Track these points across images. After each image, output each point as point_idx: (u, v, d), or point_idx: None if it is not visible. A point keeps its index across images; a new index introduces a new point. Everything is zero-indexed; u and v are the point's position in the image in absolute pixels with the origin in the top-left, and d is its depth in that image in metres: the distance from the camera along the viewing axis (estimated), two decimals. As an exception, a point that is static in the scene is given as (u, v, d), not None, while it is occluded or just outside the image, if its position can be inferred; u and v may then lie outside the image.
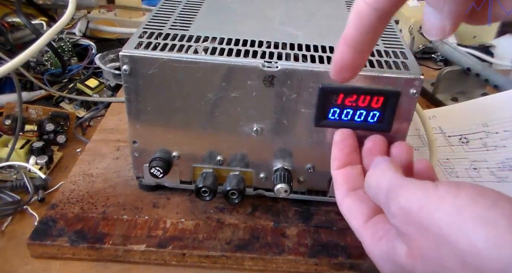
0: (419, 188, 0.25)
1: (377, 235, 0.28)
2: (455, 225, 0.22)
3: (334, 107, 0.35)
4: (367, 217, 0.30)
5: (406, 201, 0.25)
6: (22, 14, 0.60)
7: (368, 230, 0.29)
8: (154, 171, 0.39)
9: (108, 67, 0.64)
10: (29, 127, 0.50)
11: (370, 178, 0.29)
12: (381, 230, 0.28)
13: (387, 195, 0.26)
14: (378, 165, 0.29)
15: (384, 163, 0.29)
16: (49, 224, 0.39)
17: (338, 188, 0.33)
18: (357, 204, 0.31)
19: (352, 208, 0.31)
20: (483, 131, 0.50)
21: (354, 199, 0.32)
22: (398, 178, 0.27)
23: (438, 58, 0.75)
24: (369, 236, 0.29)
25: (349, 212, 0.31)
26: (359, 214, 0.30)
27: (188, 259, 0.37)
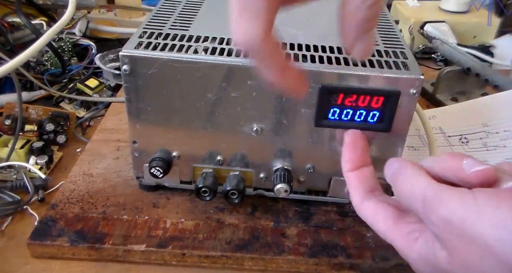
0: (457, 198, 0.24)
1: (412, 236, 0.28)
2: (501, 238, 0.22)
3: (334, 107, 0.35)
4: (395, 218, 0.29)
5: (446, 211, 0.24)
6: (22, 14, 0.60)
7: (400, 232, 0.28)
8: (154, 171, 0.39)
9: (108, 67, 0.64)
10: (29, 127, 0.50)
11: (402, 186, 0.28)
12: (415, 231, 0.28)
13: (424, 204, 0.26)
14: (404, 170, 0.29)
15: (412, 168, 0.28)
16: (49, 224, 0.39)
17: (354, 191, 0.32)
18: (381, 207, 0.30)
19: (376, 211, 0.30)
20: (483, 131, 0.50)
21: (376, 202, 0.31)
22: (433, 186, 0.26)
23: (438, 58, 0.75)
24: (401, 237, 0.28)
25: (372, 216, 0.31)
26: (385, 216, 0.30)
27: (188, 259, 0.37)
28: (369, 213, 0.31)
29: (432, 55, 0.76)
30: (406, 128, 0.36)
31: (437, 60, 0.75)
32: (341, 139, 0.36)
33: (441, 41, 0.67)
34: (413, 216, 0.29)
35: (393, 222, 0.29)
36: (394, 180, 0.29)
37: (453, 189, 0.25)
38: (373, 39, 0.29)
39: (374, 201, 0.31)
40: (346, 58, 0.35)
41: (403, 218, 0.29)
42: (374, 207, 0.31)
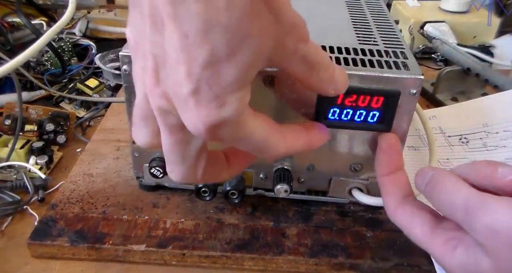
0: (503, 206, 0.24)
1: (450, 244, 0.27)
2: None
3: (334, 107, 0.35)
4: (433, 225, 0.29)
5: (491, 219, 0.24)
6: (22, 14, 0.60)
7: (437, 240, 0.28)
8: (154, 171, 0.39)
9: (108, 67, 0.64)
10: (29, 127, 0.50)
11: (441, 195, 0.28)
12: (453, 239, 0.27)
13: (466, 213, 0.26)
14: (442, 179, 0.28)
15: (450, 177, 0.28)
16: (49, 224, 0.39)
17: (390, 196, 0.32)
18: (417, 213, 0.30)
19: (412, 217, 0.30)
20: (483, 131, 0.50)
21: (412, 207, 0.30)
22: (475, 195, 0.26)
23: (438, 58, 0.75)
24: (439, 245, 0.28)
25: (409, 222, 0.30)
26: (422, 222, 0.29)
27: (188, 259, 0.37)
28: (405, 219, 0.30)
29: (432, 55, 0.76)
30: (406, 128, 0.36)
31: (437, 60, 0.75)
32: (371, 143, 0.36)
33: (441, 41, 0.67)
34: (451, 223, 0.28)
35: (430, 229, 0.29)
36: (430, 189, 0.29)
37: (496, 197, 0.25)
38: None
39: (410, 207, 0.31)
40: (346, 58, 0.35)
41: (440, 224, 0.29)
42: (410, 213, 0.30)
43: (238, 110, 0.22)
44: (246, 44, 0.20)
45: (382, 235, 0.39)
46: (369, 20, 0.44)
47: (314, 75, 0.25)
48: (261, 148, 0.25)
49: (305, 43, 0.23)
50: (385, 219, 0.41)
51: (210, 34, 0.19)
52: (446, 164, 0.48)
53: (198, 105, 0.21)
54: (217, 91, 0.21)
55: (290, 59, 0.24)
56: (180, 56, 0.20)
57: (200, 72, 0.20)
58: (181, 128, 0.23)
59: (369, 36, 0.40)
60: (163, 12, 0.20)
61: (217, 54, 0.20)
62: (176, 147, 0.25)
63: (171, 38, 0.20)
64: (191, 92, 0.21)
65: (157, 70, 0.22)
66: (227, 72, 0.20)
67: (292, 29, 0.22)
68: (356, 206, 0.42)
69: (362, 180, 0.39)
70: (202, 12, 0.19)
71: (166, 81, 0.22)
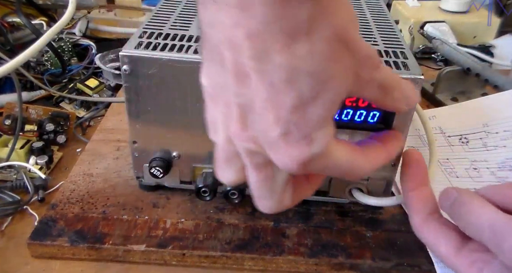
0: None
1: (476, 266, 0.27)
2: None
3: None
4: (459, 244, 0.29)
5: None
6: (22, 14, 0.60)
7: (464, 260, 0.28)
8: (154, 171, 0.39)
9: (108, 67, 0.64)
10: (29, 127, 0.50)
11: (468, 216, 0.28)
12: (479, 261, 0.28)
13: (493, 234, 0.26)
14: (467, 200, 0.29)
15: (477, 198, 0.28)
16: (49, 224, 0.39)
17: (416, 211, 0.32)
18: (443, 230, 0.30)
19: (438, 234, 0.30)
20: (483, 131, 0.50)
21: (438, 225, 0.31)
22: (503, 217, 0.26)
23: (438, 58, 0.75)
24: (465, 265, 0.28)
25: (434, 239, 0.30)
26: (448, 241, 0.29)
27: (188, 259, 0.37)
28: (430, 236, 0.31)
29: (432, 55, 0.76)
30: (406, 128, 0.36)
31: (437, 60, 0.75)
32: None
33: (441, 41, 0.67)
34: (477, 244, 0.28)
35: (456, 249, 0.29)
36: (455, 210, 0.29)
37: None
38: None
39: (436, 224, 0.31)
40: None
41: (466, 245, 0.29)
42: (436, 230, 0.30)
43: (325, 145, 0.23)
44: (329, 85, 0.21)
45: (382, 235, 0.39)
46: (369, 20, 0.44)
47: (388, 97, 0.26)
48: (348, 172, 0.25)
49: (379, 71, 0.24)
50: (385, 219, 0.41)
51: (295, 82, 0.20)
52: (446, 164, 0.48)
53: (288, 146, 0.22)
54: (305, 131, 0.22)
55: (367, 88, 0.24)
56: (268, 104, 0.21)
57: (287, 117, 0.21)
58: (268, 164, 0.24)
59: (369, 36, 0.40)
60: (247, 67, 0.21)
61: (303, 99, 0.21)
62: (265, 182, 0.26)
63: (258, 89, 0.21)
64: (280, 135, 0.22)
65: (244, 116, 0.23)
66: (313, 113, 0.21)
67: (367, 61, 0.23)
68: (356, 206, 0.42)
69: (362, 180, 0.39)
70: (285, 63, 0.20)
71: (253, 126, 0.23)
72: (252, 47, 0.20)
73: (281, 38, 0.20)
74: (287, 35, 0.19)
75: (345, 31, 0.21)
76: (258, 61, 0.20)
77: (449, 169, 0.47)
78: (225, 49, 0.21)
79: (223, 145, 0.25)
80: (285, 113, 0.21)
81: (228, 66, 0.21)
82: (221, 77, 0.22)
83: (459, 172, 0.46)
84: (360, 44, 0.22)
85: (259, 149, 0.23)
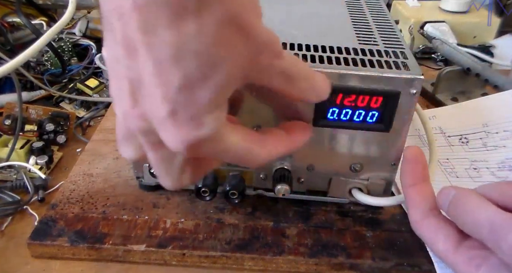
0: None
1: (474, 262, 0.27)
2: None
3: (333, 107, 0.35)
4: (457, 241, 0.29)
5: None
6: (22, 14, 0.60)
7: (461, 256, 0.28)
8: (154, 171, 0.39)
9: (108, 67, 0.64)
10: (29, 127, 0.50)
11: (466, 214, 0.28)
12: (477, 258, 0.28)
13: (491, 232, 0.26)
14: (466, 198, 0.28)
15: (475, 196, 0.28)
16: (49, 224, 0.39)
17: (415, 207, 0.32)
18: (442, 227, 0.30)
19: (437, 230, 0.30)
20: (483, 131, 0.50)
21: (437, 221, 0.30)
22: (501, 214, 0.26)
23: (438, 58, 0.75)
24: (462, 262, 0.28)
25: (432, 235, 0.30)
26: (446, 237, 0.29)
27: (188, 259, 0.37)
28: (429, 232, 0.31)
29: (432, 55, 0.76)
30: (406, 128, 0.36)
31: (437, 60, 0.75)
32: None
33: (441, 41, 0.67)
34: (475, 241, 0.28)
35: (454, 245, 0.29)
36: (454, 208, 0.29)
37: None
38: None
39: (435, 220, 0.31)
40: (346, 58, 0.35)
41: (464, 242, 0.29)
42: (434, 226, 0.30)
43: (214, 129, 0.22)
44: (218, 68, 0.21)
45: (382, 235, 0.39)
46: (369, 20, 0.44)
47: (294, 87, 0.25)
48: (242, 158, 0.25)
49: (280, 59, 0.24)
50: (385, 219, 0.41)
51: (182, 61, 0.20)
52: (446, 164, 0.48)
53: (175, 126, 0.21)
54: (193, 112, 0.21)
55: (267, 75, 0.24)
56: (155, 81, 0.20)
57: (175, 96, 0.20)
58: (163, 144, 0.23)
59: (369, 36, 0.40)
60: (135, 39, 0.20)
61: (190, 79, 0.20)
62: (161, 162, 0.25)
63: (145, 63, 0.20)
64: (168, 114, 0.21)
65: (133, 92, 0.22)
66: (201, 95, 0.21)
67: (265, 48, 0.23)
68: (356, 206, 0.42)
69: (362, 180, 0.39)
70: (173, 40, 0.19)
71: (143, 103, 0.22)
72: (139, 19, 0.19)
73: (168, 13, 0.19)
74: (175, 10, 0.19)
75: (240, 16, 0.20)
76: (145, 34, 0.19)
77: (449, 169, 0.47)
78: (115, 19, 0.20)
79: (121, 120, 0.25)
80: (171, 92, 0.20)
81: (118, 36, 0.21)
82: (115, 49, 0.22)
83: (459, 172, 0.46)
84: (259, 30, 0.22)
85: (150, 127, 0.22)
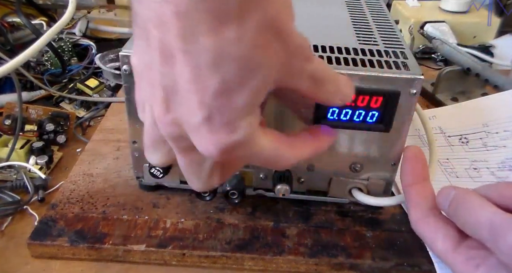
0: None
1: (473, 262, 0.28)
2: None
3: (333, 107, 0.35)
4: (457, 241, 0.29)
5: None
6: (22, 14, 0.60)
7: (460, 256, 0.28)
8: (154, 171, 0.39)
9: (108, 67, 0.64)
10: (29, 127, 0.50)
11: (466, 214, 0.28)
12: (476, 258, 0.28)
13: (490, 232, 0.26)
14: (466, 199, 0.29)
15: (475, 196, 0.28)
16: (49, 224, 0.39)
17: (414, 206, 0.32)
18: (441, 226, 0.30)
19: (436, 230, 0.30)
20: (483, 131, 0.50)
21: (437, 220, 0.30)
22: (501, 215, 0.26)
23: (438, 58, 0.75)
24: (461, 262, 0.28)
25: (432, 234, 0.30)
26: (445, 237, 0.29)
27: (188, 259, 0.37)
28: (428, 232, 0.31)
29: (432, 55, 0.76)
30: (406, 128, 0.36)
31: (437, 60, 0.75)
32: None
33: (441, 41, 0.67)
34: (475, 241, 0.28)
35: (453, 245, 0.29)
36: (453, 208, 0.29)
37: None
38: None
39: (435, 220, 0.31)
40: (346, 58, 0.35)
41: (464, 242, 0.29)
42: (434, 225, 0.30)
43: (248, 133, 0.22)
44: (256, 72, 0.21)
45: (382, 235, 0.39)
46: (369, 20, 0.44)
47: (321, 90, 0.25)
48: (272, 161, 0.25)
49: (311, 62, 0.24)
50: (385, 219, 0.41)
51: (221, 66, 0.20)
52: (446, 164, 0.48)
53: (210, 131, 0.22)
54: (229, 117, 0.21)
55: (297, 79, 0.24)
56: (192, 87, 0.20)
57: (211, 101, 0.21)
58: (194, 148, 0.23)
59: (369, 36, 0.40)
60: (173, 46, 0.20)
61: (227, 85, 0.20)
62: (191, 166, 0.26)
63: (182, 70, 0.20)
64: (203, 119, 0.21)
65: (167, 99, 0.22)
66: (237, 100, 0.21)
67: (298, 51, 0.23)
68: (356, 206, 0.42)
69: (362, 180, 0.39)
70: (212, 45, 0.19)
71: (176, 109, 0.22)
72: (179, 26, 0.19)
73: (210, 20, 0.19)
74: (216, 17, 0.19)
75: (278, 20, 0.21)
76: (185, 41, 0.19)
77: (449, 169, 0.47)
78: (152, 26, 0.20)
79: (150, 127, 0.25)
80: (208, 98, 0.20)
81: (154, 44, 0.21)
82: (148, 56, 0.22)
83: (459, 172, 0.46)
84: (293, 34, 0.22)
85: (182, 133, 0.23)
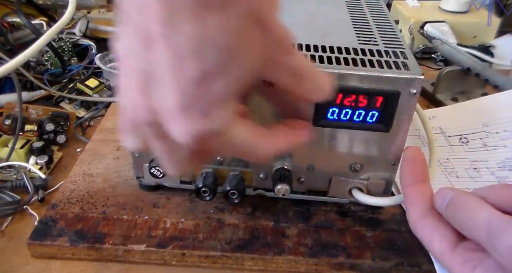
0: None
1: (470, 264, 0.27)
2: None
3: (333, 107, 0.35)
4: (454, 243, 0.29)
5: None
6: (22, 14, 0.60)
7: (457, 258, 0.28)
8: (154, 171, 0.39)
9: (108, 67, 0.64)
10: (29, 127, 0.50)
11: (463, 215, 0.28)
12: (473, 259, 0.28)
13: (488, 233, 0.26)
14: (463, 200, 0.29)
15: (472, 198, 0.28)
16: (49, 224, 0.39)
17: (413, 207, 0.32)
18: (440, 227, 0.30)
19: (434, 230, 0.30)
20: (483, 131, 0.50)
21: (435, 221, 0.30)
22: (498, 216, 0.26)
23: (438, 58, 0.75)
24: (458, 263, 0.28)
25: (429, 235, 0.30)
26: (443, 238, 0.29)
27: (188, 259, 0.37)
28: (426, 232, 0.30)
29: (432, 55, 0.76)
30: (406, 128, 0.36)
31: (437, 60, 0.75)
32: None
33: (441, 41, 0.67)
34: (472, 243, 0.28)
35: (451, 246, 0.29)
36: (451, 210, 0.29)
37: None
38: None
39: (432, 221, 0.30)
40: (346, 58, 0.35)
41: (461, 243, 0.29)
42: (432, 226, 0.30)
43: (224, 122, 0.22)
44: (236, 61, 0.21)
45: (382, 235, 0.39)
46: (369, 20, 0.44)
47: (300, 85, 0.25)
48: (246, 152, 0.25)
49: (291, 55, 0.24)
50: (385, 219, 0.41)
51: (201, 54, 0.20)
52: (446, 164, 0.48)
53: (185, 118, 0.21)
54: (205, 106, 0.21)
55: (277, 71, 0.24)
56: (170, 73, 0.20)
57: (189, 88, 0.20)
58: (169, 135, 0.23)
59: (369, 36, 0.40)
60: (154, 31, 0.20)
61: (206, 73, 0.20)
62: (166, 152, 0.25)
63: (162, 56, 0.20)
64: (178, 106, 0.21)
65: (145, 84, 0.22)
66: (215, 88, 0.21)
67: (280, 44, 0.23)
68: (356, 206, 0.42)
69: (362, 180, 0.39)
70: (195, 32, 0.19)
71: (153, 95, 0.22)
72: (161, 11, 0.19)
73: (193, 6, 0.19)
74: (200, 4, 0.19)
75: (262, 11, 0.20)
76: (166, 26, 0.19)
77: (449, 169, 0.47)
78: (135, 10, 0.20)
79: (127, 111, 0.25)
80: (186, 85, 0.20)
81: (136, 29, 0.21)
82: (129, 41, 0.21)
83: (459, 172, 0.46)
84: (276, 26, 0.22)
85: (158, 119, 0.22)
